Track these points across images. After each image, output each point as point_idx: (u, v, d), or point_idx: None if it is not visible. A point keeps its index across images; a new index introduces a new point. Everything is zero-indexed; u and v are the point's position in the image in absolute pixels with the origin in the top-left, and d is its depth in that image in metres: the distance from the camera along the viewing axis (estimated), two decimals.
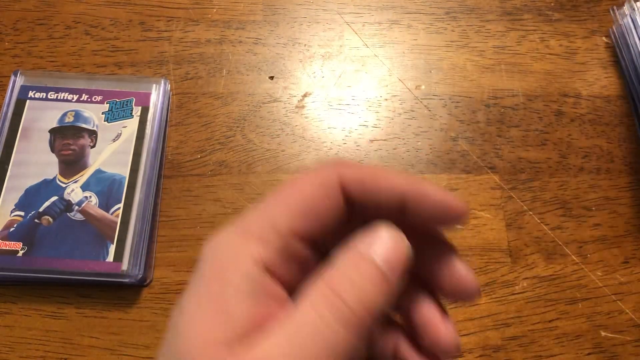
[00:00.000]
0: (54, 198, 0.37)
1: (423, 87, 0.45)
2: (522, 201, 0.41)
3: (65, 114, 0.40)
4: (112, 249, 0.36)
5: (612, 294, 0.39)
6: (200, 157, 0.41)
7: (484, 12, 0.47)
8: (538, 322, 0.38)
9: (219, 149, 0.42)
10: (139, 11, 0.46)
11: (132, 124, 0.40)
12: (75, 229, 0.37)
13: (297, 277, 0.25)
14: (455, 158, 0.42)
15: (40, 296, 0.37)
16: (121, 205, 0.37)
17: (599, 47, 0.46)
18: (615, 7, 0.45)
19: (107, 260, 0.36)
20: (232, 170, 0.41)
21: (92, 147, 0.39)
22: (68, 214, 0.37)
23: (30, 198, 0.37)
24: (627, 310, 0.38)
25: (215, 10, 0.46)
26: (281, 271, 0.24)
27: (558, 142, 0.43)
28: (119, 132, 0.39)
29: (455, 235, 0.40)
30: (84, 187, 0.38)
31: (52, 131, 0.39)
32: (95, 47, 0.44)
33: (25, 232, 0.36)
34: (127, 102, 0.40)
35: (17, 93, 0.40)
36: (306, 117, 0.43)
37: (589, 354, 0.37)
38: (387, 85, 0.45)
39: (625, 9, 0.44)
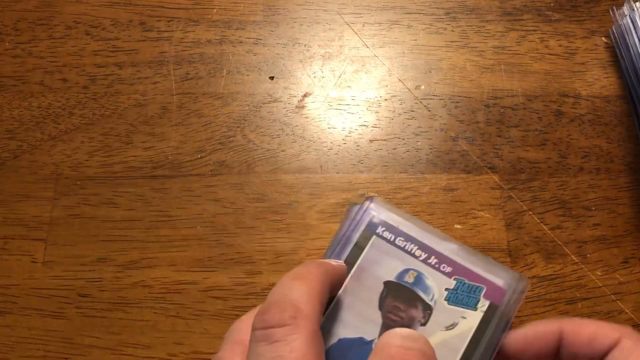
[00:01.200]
0: None
1: (423, 87, 0.45)
2: (521, 201, 0.41)
3: (406, 271, 0.33)
4: None
5: (612, 294, 0.39)
6: (201, 157, 0.41)
7: (483, 13, 0.47)
8: None
9: (219, 149, 0.42)
10: (140, 11, 0.46)
11: (473, 318, 0.32)
12: None
13: None
14: (455, 158, 0.42)
15: (41, 296, 0.37)
16: None
17: (599, 48, 0.46)
18: (614, 8, 0.45)
19: None
20: (232, 170, 0.41)
21: (422, 324, 0.32)
22: None
23: (341, 351, 0.31)
24: (627, 310, 0.38)
25: (215, 10, 0.46)
26: None
27: (558, 142, 0.43)
28: (456, 321, 0.32)
29: (454, 235, 0.41)
30: None
31: (387, 284, 0.33)
32: (96, 48, 0.44)
33: None
34: (476, 289, 0.33)
35: (366, 223, 0.34)
36: (306, 117, 0.43)
37: None
38: (387, 86, 0.45)
39: (625, 9, 0.44)
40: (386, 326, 0.31)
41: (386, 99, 0.44)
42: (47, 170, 0.41)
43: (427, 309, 0.32)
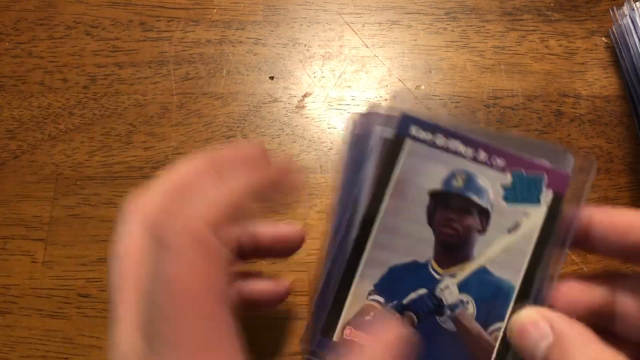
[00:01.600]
0: (423, 291, 0.28)
1: (423, 87, 0.45)
2: None
3: (453, 175, 0.28)
4: None
5: None
6: None
7: (483, 13, 0.47)
8: None
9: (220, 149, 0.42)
10: (140, 11, 0.46)
11: (537, 214, 0.28)
12: (442, 340, 0.27)
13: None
14: None
15: (41, 296, 0.37)
16: (503, 325, 0.27)
17: (599, 48, 0.46)
18: (614, 8, 0.45)
19: None
20: None
21: (481, 232, 0.28)
22: (437, 317, 0.28)
23: (393, 281, 0.28)
24: None
25: (215, 10, 0.46)
26: (228, 233, 0.24)
27: (558, 142, 0.43)
28: (518, 220, 0.28)
29: None
30: (462, 287, 0.28)
31: (434, 195, 0.28)
32: (96, 48, 0.44)
33: None
34: (536, 179, 0.28)
35: (395, 122, 0.28)
36: (306, 117, 0.43)
37: None
38: (387, 86, 0.45)
39: (625, 9, 0.44)
40: (440, 242, 0.28)
41: (386, 99, 0.44)
42: (47, 170, 0.41)
43: (484, 214, 0.28)
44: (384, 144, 0.28)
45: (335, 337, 0.27)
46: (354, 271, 0.27)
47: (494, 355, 0.27)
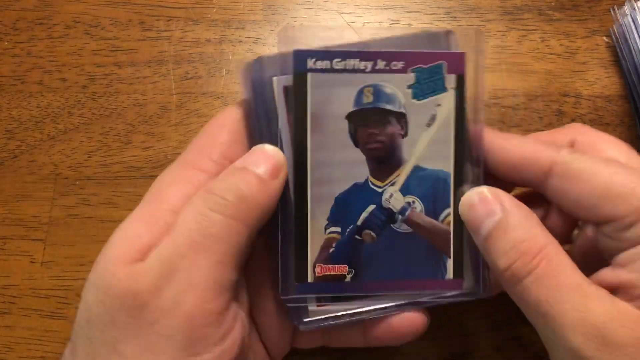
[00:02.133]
0: (372, 207, 0.29)
1: None
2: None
3: (361, 92, 0.29)
4: (449, 263, 0.29)
5: None
6: None
7: (484, 12, 0.47)
8: None
9: None
10: (139, 11, 0.45)
11: (447, 100, 0.29)
12: (404, 243, 0.30)
13: None
14: None
15: (40, 296, 0.37)
16: (451, 210, 0.29)
17: (600, 47, 0.46)
18: (615, 7, 0.45)
19: (446, 278, 0.29)
20: None
21: (404, 136, 0.29)
22: (392, 225, 0.30)
23: (342, 209, 0.29)
24: None
25: (215, 9, 0.46)
26: None
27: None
28: (433, 112, 0.29)
29: None
30: (404, 191, 0.29)
31: (350, 117, 0.29)
32: (95, 47, 0.44)
33: (347, 252, 0.29)
34: (436, 69, 0.29)
35: (291, 63, 0.28)
36: None
37: None
38: None
39: (626, 8, 0.44)
40: (371, 158, 0.29)
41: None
42: (46, 170, 0.41)
43: (401, 118, 0.29)
44: (287, 91, 0.28)
45: (309, 279, 0.29)
46: (305, 213, 0.28)
47: (452, 238, 0.29)
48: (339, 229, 0.29)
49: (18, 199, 0.40)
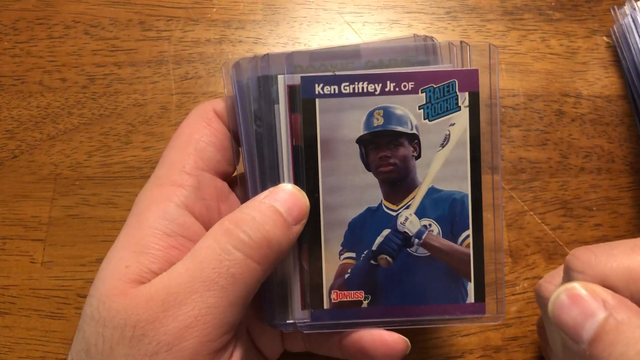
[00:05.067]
0: (387, 231, 0.29)
1: None
2: (522, 201, 0.41)
3: (371, 115, 0.28)
4: (470, 287, 0.29)
5: None
6: None
7: (484, 12, 0.47)
8: None
9: None
10: (139, 11, 0.45)
11: (461, 118, 0.28)
12: (421, 267, 0.29)
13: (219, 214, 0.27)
14: None
15: (40, 296, 0.37)
16: (470, 231, 0.29)
17: (600, 47, 0.46)
18: (615, 7, 0.45)
19: (467, 302, 0.29)
20: None
21: (417, 157, 0.29)
22: (408, 249, 0.29)
23: (357, 234, 0.29)
24: None
25: (215, 9, 0.46)
26: (200, 209, 0.26)
27: (559, 142, 0.43)
28: (446, 132, 0.28)
29: None
30: (420, 214, 0.29)
31: (361, 141, 0.29)
32: (95, 47, 0.44)
33: (363, 277, 0.29)
34: (448, 87, 0.28)
35: (299, 90, 0.28)
36: None
37: None
38: None
39: (626, 8, 0.44)
40: (384, 182, 0.28)
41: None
42: (46, 170, 0.40)
43: (413, 139, 0.28)
44: (290, 91, 0.28)
45: (325, 305, 0.28)
46: (319, 239, 0.28)
47: (471, 261, 0.28)
48: (353, 254, 0.28)
49: (18, 199, 0.40)
